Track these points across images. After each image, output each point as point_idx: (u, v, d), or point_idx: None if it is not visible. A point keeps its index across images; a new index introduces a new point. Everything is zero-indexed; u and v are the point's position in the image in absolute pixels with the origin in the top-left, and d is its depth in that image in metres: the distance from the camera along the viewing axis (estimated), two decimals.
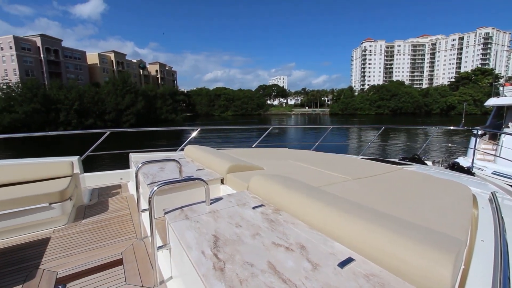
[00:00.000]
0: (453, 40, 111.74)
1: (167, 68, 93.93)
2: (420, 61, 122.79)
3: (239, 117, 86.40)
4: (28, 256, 2.14)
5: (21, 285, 1.78)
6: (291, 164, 3.28)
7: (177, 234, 1.39)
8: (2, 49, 48.82)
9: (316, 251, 1.19)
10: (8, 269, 1.97)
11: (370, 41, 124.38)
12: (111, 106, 48.04)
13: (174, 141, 25.72)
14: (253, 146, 5.35)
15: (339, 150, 5.66)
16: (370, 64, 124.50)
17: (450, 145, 8.89)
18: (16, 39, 48.95)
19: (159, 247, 1.63)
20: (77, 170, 3.41)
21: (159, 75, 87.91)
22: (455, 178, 2.86)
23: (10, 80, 41.57)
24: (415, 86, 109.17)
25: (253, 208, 1.71)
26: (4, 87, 38.78)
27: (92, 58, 64.50)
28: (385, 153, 18.23)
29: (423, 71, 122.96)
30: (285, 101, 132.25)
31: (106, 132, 4.30)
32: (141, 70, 79.92)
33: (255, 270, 1.07)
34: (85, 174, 3.83)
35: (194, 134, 5.12)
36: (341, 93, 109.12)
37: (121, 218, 2.87)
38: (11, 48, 48.36)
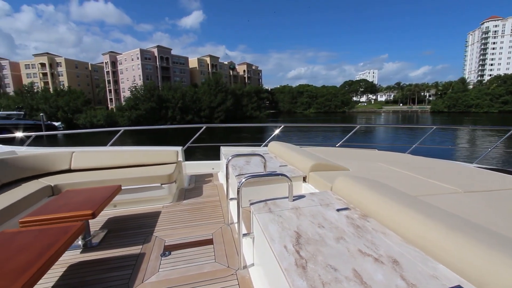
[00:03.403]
0: None
1: (253, 67, 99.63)
2: None
3: (321, 115, 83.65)
4: (146, 224, 2.70)
5: (141, 246, 2.26)
6: (381, 167, 2.96)
7: (261, 225, 1.47)
8: (132, 60, 62.77)
9: (413, 270, 1.05)
10: (133, 231, 2.54)
11: (495, 19, 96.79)
12: (205, 104, 54.87)
13: (258, 136, 27.19)
14: (337, 146, 5.09)
15: (443, 155, 4.72)
16: (494, 49, 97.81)
17: None
18: (141, 51, 62.11)
19: (244, 235, 1.77)
20: (180, 158, 4.07)
21: (246, 74, 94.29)
22: None
23: (137, 84, 52.95)
24: None
25: (337, 210, 1.64)
26: (133, 90, 49.73)
27: (192, 62, 75.16)
28: None
29: None
30: (374, 97, 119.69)
31: (202, 127, 4.92)
32: (231, 71, 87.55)
33: (339, 276, 1.00)
34: (186, 162, 4.49)
35: (277, 131, 5.27)
36: (448, 86, 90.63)
37: (213, 203, 3.26)
38: (138, 58, 61.68)
